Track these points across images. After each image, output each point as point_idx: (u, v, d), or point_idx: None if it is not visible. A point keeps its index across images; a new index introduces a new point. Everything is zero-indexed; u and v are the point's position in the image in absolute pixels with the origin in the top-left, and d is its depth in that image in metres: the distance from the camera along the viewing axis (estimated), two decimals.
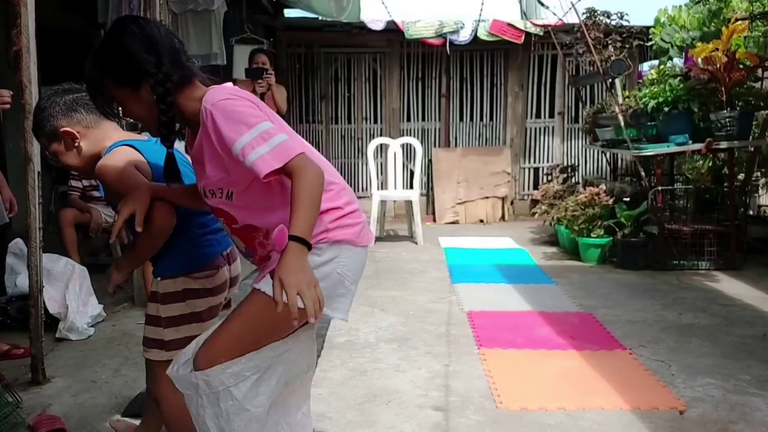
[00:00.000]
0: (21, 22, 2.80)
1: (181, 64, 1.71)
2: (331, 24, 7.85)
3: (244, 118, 1.61)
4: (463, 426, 2.58)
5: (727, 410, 2.68)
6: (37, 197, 2.85)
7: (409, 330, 3.79)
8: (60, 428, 2.49)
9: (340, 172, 8.48)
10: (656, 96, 5.41)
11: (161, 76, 1.66)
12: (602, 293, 4.60)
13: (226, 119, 1.61)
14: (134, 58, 1.66)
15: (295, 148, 1.61)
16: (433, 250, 6.27)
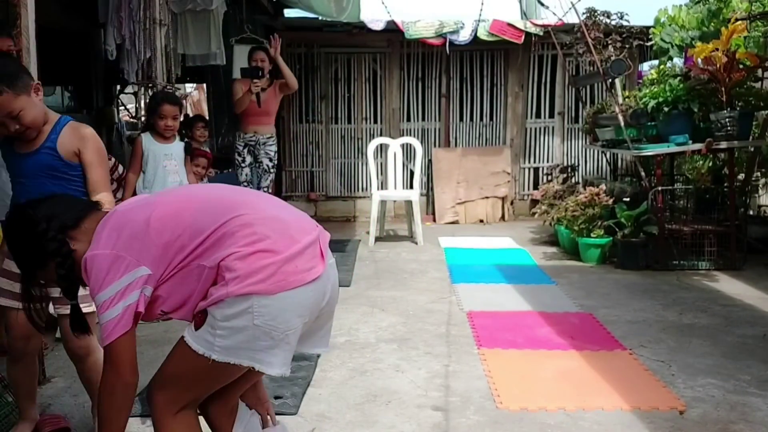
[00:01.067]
0: (21, 23, 2.80)
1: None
2: (331, 24, 7.84)
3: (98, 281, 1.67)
4: (463, 426, 2.58)
5: (727, 410, 2.68)
6: None
7: (409, 330, 3.79)
8: (65, 427, 2.50)
9: (340, 172, 8.53)
10: (656, 96, 5.41)
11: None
12: (602, 293, 4.60)
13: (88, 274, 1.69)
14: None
15: (114, 333, 1.64)
16: (433, 250, 6.27)
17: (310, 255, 1.74)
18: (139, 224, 1.70)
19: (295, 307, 1.70)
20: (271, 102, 5.64)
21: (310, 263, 1.73)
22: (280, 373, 1.73)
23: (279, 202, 1.90)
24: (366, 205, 7.90)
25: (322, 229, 1.87)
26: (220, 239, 1.69)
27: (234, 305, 1.65)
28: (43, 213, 1.76)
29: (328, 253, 1.83)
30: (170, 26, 4.60)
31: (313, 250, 1.77)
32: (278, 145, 5.93)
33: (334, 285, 1.84)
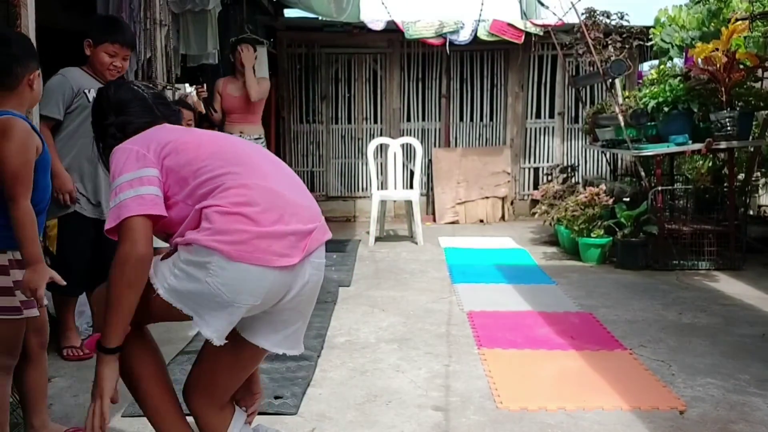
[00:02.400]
0: (21, 22, 2.80)
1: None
2: (331, 24, 7.84)
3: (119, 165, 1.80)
4: (463, 426, 2.58)
5: (727, 410, 2.69)
6: None
7: (409, 330, 3.79)
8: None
9: (341, 172, 8.53)
10: (656, 96, 5.41)
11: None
12: (602, 293, 4.60)
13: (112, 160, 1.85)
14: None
15: (130, 210, 1.70)
16: (433, 250, 6.27)
17: (290, 243, 1.71)
18: (163, 140, 1.81)
19: (249, 284, 1.68)
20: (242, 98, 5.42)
21: (285, 250, 1.70)
22: (210, 337, 1.73)
23: (294, 183, 1.88)
24: (366, 205, 7.90)
25: (325, 229, 1.84)
26: (214, 189, 1.73)
27: (197, 254, 1.68)
28: (116, 109, 1.97)
29: (317, 252, 1.79)
30: (171, 26, 4.60)
31: (297, 241, 1.73)
32: (278, 146, 5.84)
33: (308, 286, 1.79)
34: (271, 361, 3.26)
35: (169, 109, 2.03)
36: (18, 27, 2.79)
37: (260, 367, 3.17)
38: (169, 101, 2.11)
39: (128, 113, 1.95)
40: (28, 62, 2.22)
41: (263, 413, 2.66)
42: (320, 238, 1.80)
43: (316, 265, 1.80)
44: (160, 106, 2.00)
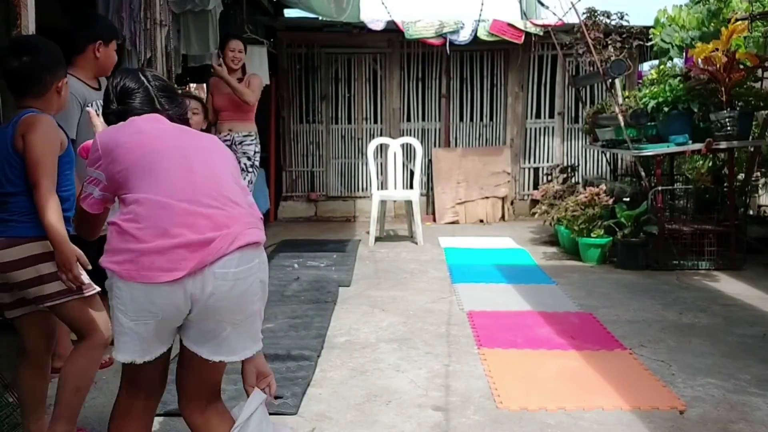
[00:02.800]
0: (21, 22, 2.80)
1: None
2: (331, 24, 7.84)
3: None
4: (463, 426, 2.58)
5: (727, 410, 2.69)
6: None
7: (409, 330, 3.79)
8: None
9: (341, 172, 8.53)
10: (656, 96, 5.41)
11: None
12: (602, 293, 4.60)
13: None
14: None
15: (82, 201, 1.87)
16: (433, 250, 6.27)
17: (179, 256, 1.65)
18: (116, 141, 1.82)
19: (141, 302, 1.67)
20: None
21: (170, 264, 1.64)
22: (125, 360, 1.73)
23: (206, 188, 1.76)
24: (366, 205, 7.90)
25: (238, 235, 1.71)
26: (121, 203, 1.78)
27: (109, 274, 1.73)
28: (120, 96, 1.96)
29: (222, 262, 1.68)
30: (171, 26, 4.60)
31: (188, 252, 1.65)
32: (278, 146, 5.66)
33: (215, 297, 1.68)
34: (271, 361, 3.26)
35: (172, 102, 1.99)
36: (18, 27, 2.80)
37: None
38: (175, 93, 2.06)
39: (130, 102, 1.94)
40: (57, 70, 2.31)
41: None
42: (223, 247, 1.67)
43: (221, 276, 1.68)
44: (162, 98, 1.97)
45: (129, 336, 1.71)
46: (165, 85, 2.03)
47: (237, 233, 1.70)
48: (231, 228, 1.70)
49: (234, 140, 5.19)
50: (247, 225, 1.74)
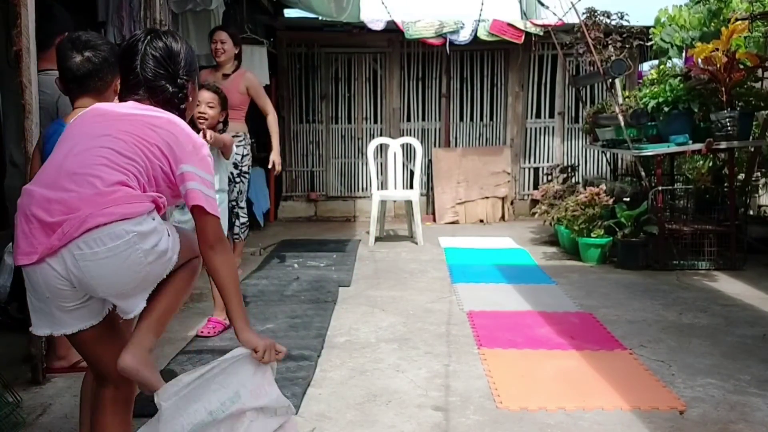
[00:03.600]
0: (21, 22, 2.80)
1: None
2: (331, 24, 7.84)
3: None
4: (463, 426, 2.58)
5: (727, 410, 2.69)
6: None
7: (409, 330, 3.79)
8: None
9: (340, 172, 8.54)
10: (656, 96, 5.41)
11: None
12: (602, 293, 4.60)
13: None
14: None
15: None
16: (433, 250, 6.27)
17: (34, 240, 1.72)
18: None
19: (28, 282, 1.77)
20: (232, 94, 4.74)
21: (30, 248, 1.72)
22: (40, 333, 1.83)
23: (67, 169, 1.76)
24: (366, 205, 7.90)
25: (88, 215, 1.70)
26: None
27: None
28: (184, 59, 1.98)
29: (77, 243, 1.69)
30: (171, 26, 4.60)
31: (40, 236, 1.71)
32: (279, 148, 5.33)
33: (84, 274, 1.71)
34: None
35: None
36: (18, 27, 2.80)
37: None
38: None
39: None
40: (116, 69, 2.31)
41: None
42: (71, 230, 1.70)
43: (80, 256, 1.70)
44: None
45: (37, 313, 1.81)
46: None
47: (86, 215, 1.70)
48: (81, 210, 1.70)
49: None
50: (103, 205, 1.71)
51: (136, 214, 1.73)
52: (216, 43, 4.83)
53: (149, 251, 1.75)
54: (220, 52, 4.86)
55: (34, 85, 2.82)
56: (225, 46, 4.83)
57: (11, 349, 3.31)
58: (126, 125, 1.84)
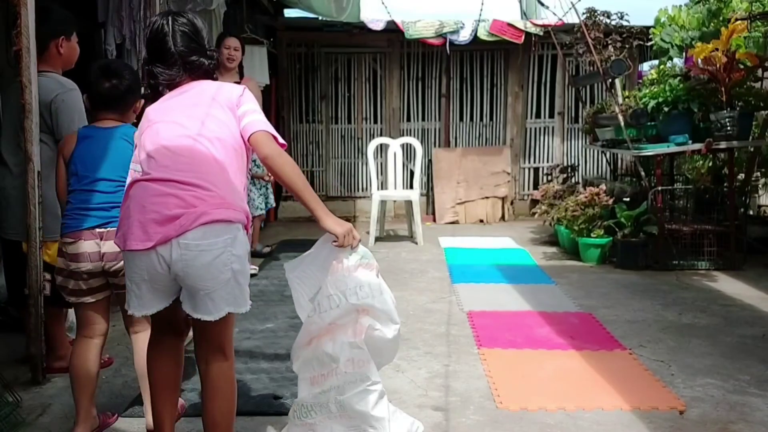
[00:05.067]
0: (21, 23, 2.80)
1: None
2: (331, 24, 7.84)
3: None
4: (463, 426, 2.58)
5: (726, 410, 2.69)
6: (37, 197, 2.85)
7: (409, 330, 3.79)
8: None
9: (340, 172, 8.54)
10: (656, 96, 5.41)
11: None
12: (602, 293, 4.60)
13: None
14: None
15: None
16: (433, 250, 6.27)
17: (145, 227, 1.93)
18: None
19: (139, 268, 1.96)
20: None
21: (144, 235, 1.92)
22: (131, 312, 2.04)
23: (184, 167, 1.97)
24: (366, 205, 7.90)
25: (201, 213, 1.91)
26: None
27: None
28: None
29: (186, 235, 1.90)
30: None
31: (156, 226, 1.92)
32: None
33: (182, 262, 1.92)
34: (270, 361, 3.27)
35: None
36: (18, 27, 2.80)
37: (260, 367, 3.19)
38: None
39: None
40: (138, 92, 2.56)
41: (263, 413, 2.66)
42: (186, 223, 1.91)
43: (185, 246, 1.91)
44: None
45: (131, 293, 2.02)
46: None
47: (201, 212, 1.92)
48: (197, 207, 1.92)
49: None
50: (215, 205, 1.94)
51: (236, 220, 1.98)
52: (229, 49, 4.92)
53: (235, 257, 1.97)
54: (233, 59, 4.98)
55: (34, 85, 2.82)
56: (237, 53, 4.95)
57: (11, 349, 3.31)
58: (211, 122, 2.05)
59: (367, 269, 2.17)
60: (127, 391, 2.86)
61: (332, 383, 2.11)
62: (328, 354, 2.12)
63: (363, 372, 2.13)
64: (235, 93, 2.10)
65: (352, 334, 2.12)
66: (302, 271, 2.22)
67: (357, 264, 2.15)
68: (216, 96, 2.08)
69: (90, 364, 2.40)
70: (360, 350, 2.11)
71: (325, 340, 2.13)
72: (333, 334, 2.13)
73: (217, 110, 2.05)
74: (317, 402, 2.16)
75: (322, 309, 2.12)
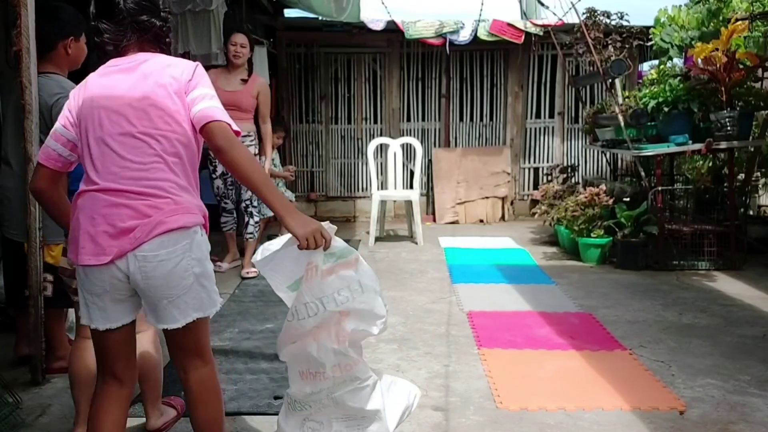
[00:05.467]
0: (21, 23, 2.80)
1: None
2: (331, 24, 7.84)
3: None
4: (463, 426, 2.58)
5: (727, 410, 2.68)
6: None
7: (409, 330, 3.79)
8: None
9: (340, 172, 8.54)
10: (656, 96, 5.41)
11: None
12: (602, 293, 4.60)
13: None
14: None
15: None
16: (433, 250, 6.26)
17: (96, 240, 1.83)
18: None
19: (89, 282, 1.87)
20: (243, 96, 4.96)
21: (96, 249, 1.82)
22: (95, 326, 1.91)
23: (127, 169, 1.86)
24: (366, 205, 7.90)
25: (156, 223, 1.81)
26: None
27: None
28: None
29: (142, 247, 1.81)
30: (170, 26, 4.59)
31: (102, 238, 1.82)
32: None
33: (141, 274, 1.83)
34: (270, 361, 3.26)
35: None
36: (18, 27, 2.79)
37: (260, 367, 3.18)
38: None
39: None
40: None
41: (263, 413, 2.66)
42: (141, 235, 1.83)
43: (142, 258, 1.82)
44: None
45: (91, 306, 1.90)
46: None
47: (156, 222, 1.82)
48: (152, 217, 1.82)
49: None
50: (170, 213, 1.84)
51: (193, 224, 1.88)
52: (235, 45, 4.91)
53: (195, 261, 1.88)
54: (239, 55, 4.95)
55: (34, 85, 2.82)
56: (244, 49, 4.92)
57: (11, 350, 3.31)
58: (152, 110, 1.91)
59: (345, 269, 2.00)
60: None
61: (322, 386, 2.05)
62: (313, 357, 2.02)
63: (352, 374, 2.06)
64: (185, 76, 1.92)
65: (335, 340, 2.01)
66: (276, 264, 2.08)
67: (333, 266, 1.98)
68: (163, 80, 1.90)
69: (90, 364, 2.40)
70: (345, 356, 2.02)
71: (308, 341, 2.03)
72: (315, 335, 2.03)
73: (164, 99, 1.88)
74: (311, 399, 2.12)
75: (300, 317, 1.98)
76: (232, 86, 5.01)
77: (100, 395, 1.96)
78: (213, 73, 5.13)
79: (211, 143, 1.88)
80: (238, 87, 5.01)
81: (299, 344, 2.05)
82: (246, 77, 5.04)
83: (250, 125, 5.11)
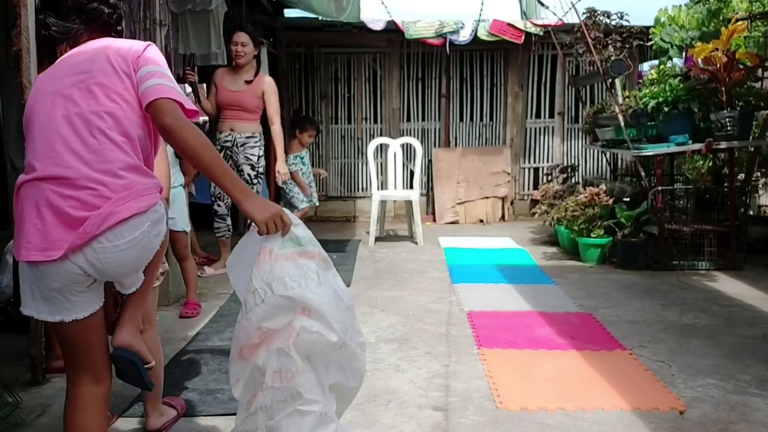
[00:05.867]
0: (21, 23, 2.80)
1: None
2: (331, 24, 7.84)
3: None
4: (463, 426, 2.57)
5: (727, 410, 2.68)
6: None
7: (409, 330, 3.79)
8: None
9: (340, 172, 8.54)
10: (656, 96, 5.41)
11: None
12: (602, 293, 4.60)
13: None
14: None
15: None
16: (433, 250, 6.26)
17: (44, 234, 1.70)
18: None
19: (35, 279, 1.75)
20: (247, 96, 4.94)
21: (44, 243, 1.69)
22: (61, 319, 1.76)
23: (74, 154, 1.73)
24: (366, 205, 7.90)
25: (107, 214, 1.68)
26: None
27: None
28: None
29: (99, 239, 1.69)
30: (170, 26, 4.60)
31: (50, 232, 1.69)
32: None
33: (102, 264, 1.72)
34: None
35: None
36: (18, 27, 2.79)
37: None
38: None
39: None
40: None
41: None
42: (92, 229, 1.73)
43: (101, 249, 1.72)
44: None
45: (48, 300, 1.76)
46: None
47: (107, 213, 1.68)
48: (102, 207, 1.69)
49: (236, 141, 5.00)
50: (122, 200, 1.71)
51: (149, 206, 1.75)
52: (237, 45, 4.87)
53: (159, 235, 1.81)
54: (240, 55, 4.91)
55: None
56: (246, 48, 4.87)
57: (11, 350, 3.31)
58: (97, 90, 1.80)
59: (306, 258, 1.79)
60: (127, 391, 2.85)
61: (260, 403, 1.74)
62: (258, 367, 1.76)
63: (292, 386, 1.71)
64: (132, 54, 1.82)
65: (286, 339, 1.73)
66: (238, 267, 1.91)
67: (291, 252, 1.78)
68: (110, 58, 1.80)
69: None
70: (288, 357, 1.71)
71: (261, 350, 1.77)
72: (268, 342, 1.76)
73: (110, 77, 1.78)
74: (245, 429, 1.77)
75: (248, 308, 1.76)
76: (237, 86, 5.00)
77: (73, 399, 1.82)
78: (219, 73, 5.13)
79: (157, 122, 1.77)
80: (242, 87, 5.00)
81: (249, 358, 1.79)
82: (252, 77, 5.01)
83: (256, 126, 5.07)
